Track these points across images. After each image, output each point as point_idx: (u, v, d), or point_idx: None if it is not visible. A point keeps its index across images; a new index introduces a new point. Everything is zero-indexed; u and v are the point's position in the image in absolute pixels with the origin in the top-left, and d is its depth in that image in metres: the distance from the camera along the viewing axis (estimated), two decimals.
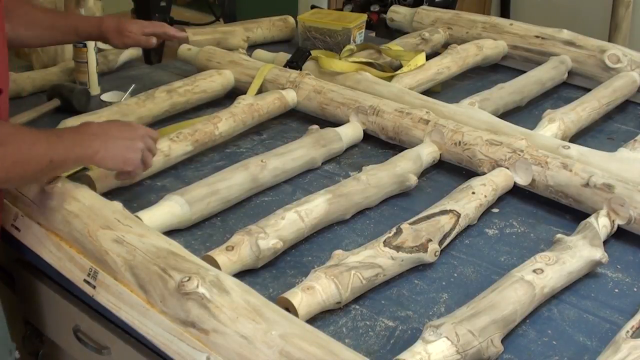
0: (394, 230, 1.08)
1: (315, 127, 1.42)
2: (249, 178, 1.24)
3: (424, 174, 1.34)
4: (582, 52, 1.75)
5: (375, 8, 2.36)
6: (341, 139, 1.41)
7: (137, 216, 1.08)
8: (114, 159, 1.05)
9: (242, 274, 1.04)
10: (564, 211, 1.24)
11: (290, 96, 1.53)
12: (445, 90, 1.75)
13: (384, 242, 1.05)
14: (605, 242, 1.11)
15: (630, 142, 1.36)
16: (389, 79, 1.62)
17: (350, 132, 1.44)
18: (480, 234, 1.19)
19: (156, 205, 1.14)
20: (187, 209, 1.14)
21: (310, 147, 1.35)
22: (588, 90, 1.64)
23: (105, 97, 1.55)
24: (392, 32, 2.09)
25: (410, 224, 1.09)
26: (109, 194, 1.21)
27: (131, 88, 1.60)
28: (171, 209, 1.13)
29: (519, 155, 1.26)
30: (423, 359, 0.83)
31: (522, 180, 1.27)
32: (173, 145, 1.31)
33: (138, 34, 1.41)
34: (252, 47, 1.91)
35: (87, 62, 1.64)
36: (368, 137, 1.47)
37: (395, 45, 1.81)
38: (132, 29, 1.40)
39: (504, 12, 3.42)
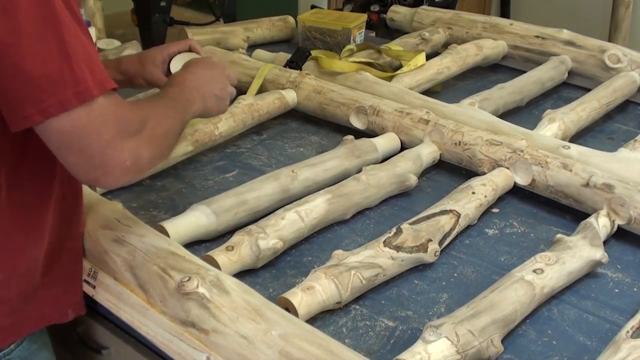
0: (394, 230, 1.08)
1: (350, 137, 1.37)
2: (279, 189, 1.19)
3: (424, 174, 1.34)
4: (582, 52, 1.75)
5: (375, 8, 2.35)
6: (377, 150, 1.35)
7: (161, 226, 1.06)
8: (210, 113, 1.08)
9: (242, 274, 1.04)
10: (564, 211, 1.24)
11: (290, 96, 1.53)
12: (445, 90, 1.75)
13: (384, 242, 1.05)
14: (605, 242, 1.11)
15: (630, 142, 1.36)
16: (389, 79, 1.62)
17: (386, 142, 1.38)
18: (480, 234, 1.19)
19: (182, 215, 1.10)
20: (213, 219, 1.10)
21: (344, 158, 1.30)
22: (588, 90, 1.63)
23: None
24: (392, 32, 2.09)
25: (410, 224, 1.09)
26: (109, 194, 1.21)
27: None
28: (197, 219, 1.10)
29: (519, 155, 1.26)
30: (423, 359, 0.83)
31: (522, 180, 1.27)
32: None
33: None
34: (252, 47, 1.91)
35: None
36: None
37: (395, 45, 1.81)
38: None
39: (504, 12, 3.42)
